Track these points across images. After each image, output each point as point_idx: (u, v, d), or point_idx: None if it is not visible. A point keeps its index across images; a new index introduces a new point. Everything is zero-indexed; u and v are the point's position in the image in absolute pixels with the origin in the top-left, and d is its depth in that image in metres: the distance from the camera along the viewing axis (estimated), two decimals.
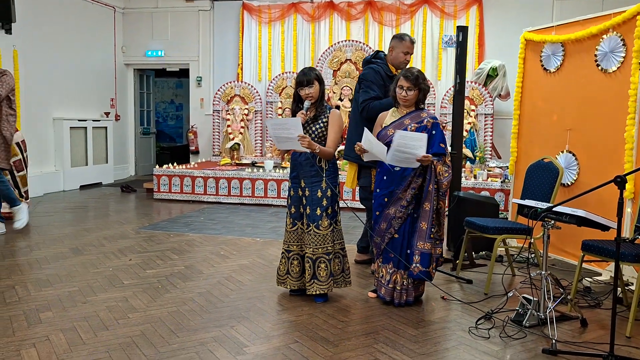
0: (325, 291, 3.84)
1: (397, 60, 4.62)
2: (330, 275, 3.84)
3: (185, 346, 3.13)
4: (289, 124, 3.66)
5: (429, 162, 3.68)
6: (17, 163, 6.64)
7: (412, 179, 3.76)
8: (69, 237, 5.81)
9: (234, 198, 8.20)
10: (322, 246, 3.80)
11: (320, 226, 3.79)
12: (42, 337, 3.22)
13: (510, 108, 8.70)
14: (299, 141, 3.64)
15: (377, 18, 9.75)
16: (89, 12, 10.03)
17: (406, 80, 3.81)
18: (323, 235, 3.79)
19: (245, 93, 9.94)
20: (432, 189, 3.75)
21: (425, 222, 3.77)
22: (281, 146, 3.82)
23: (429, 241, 3.78)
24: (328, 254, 3.82)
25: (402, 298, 3.84)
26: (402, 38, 4.62)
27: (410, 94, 3.81)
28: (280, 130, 3.70)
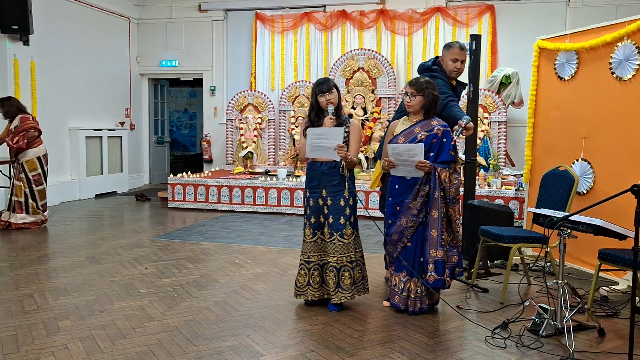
0: (349, 299, 3.88)
1: (447, 68, 4.39)
2: (354, 283, 3.87)
3: (202, 355, 3.15)
4: (331, 134, 3.71)
5: (427, 168, 3.70)
6: (36, 177, 6.73)
7: (419, 187, 3.78)
8: (85, 246, 5.87)
9: (248, 207, 8.24)
10: (346, 255, 3.83)
11: (345, 235, 3.82)
12: (61, 345, 3.26)
13: (523, 116, 8.68)
14: (336, 150, 3.68)
15: (390, 26, 9.77)
16: (105, 23, 10.16)
17: (410, 86, 3.84)
18: (347, 243, 3.83)
19: (258, 102, 10.00)
20: (438, 196, 3.75)
21: (435, 229, 3.78)
22: (313, 154, 3.83)
23: (441, 248, 3.78)
24: (351, 262, 3.85)
25: (416, 306, 3.84)
26: (450, 45, 4.43)
27: (414, 100, 3.82)
28: (319, 139, 3.74)
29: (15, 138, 6.52)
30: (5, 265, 5.06)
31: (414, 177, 3.79)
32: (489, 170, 8.34)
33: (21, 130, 6.55)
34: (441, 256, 3.78)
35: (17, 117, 6.63)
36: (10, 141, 6.52)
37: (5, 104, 6.70)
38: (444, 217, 3.79)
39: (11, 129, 6.64)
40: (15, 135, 6.53)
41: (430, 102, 3.84)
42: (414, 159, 3.69)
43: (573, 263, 4.91)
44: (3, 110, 6.70)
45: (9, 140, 6.53)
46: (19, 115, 6.65)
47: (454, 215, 3.84)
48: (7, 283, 4.50)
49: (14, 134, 6.54)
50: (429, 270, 3.79)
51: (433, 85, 3.87)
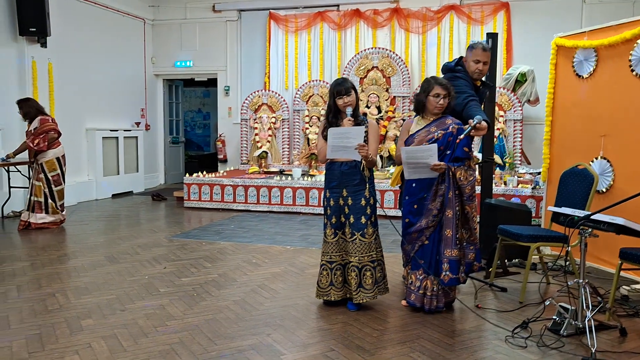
0: (371, 299, 3.88)
1: (470, 70, 4.27)
2: (375, 282, 3.88)
3: (223, 354, 3.17)
4: (352, 133, 3.72)
5: (442, 169, 3.71)
6: (55, 177, 6.81)
7: (436, 187, 3.79)
8: (104, 246, 5.93)
9: (263, 206, 8.27)
10: (367, 254, 3.84)
11: (366, 234, 3.83)
12: (85, 344, 3.30)
13: (539, 113, 8.63)
14: (358, 149, 3.69)
15: (404, 25, 9.75)
16: (120, 25, 10.25)
17: (442, 88, 3.83)
18: (368, 243, 3.84)
19: (272, 102, 10.02)
20: (453, 195, 3.77)
21: (449, 229, 3.78)
22: (333, 155, 3.84)
23: (456, 247, 3.79)
24: (373, 261, 3.87)
25: (432, 304, 3.85)
26: (473, 47, 4.28)
27: (445, 102, 3.84)
28: (340, 139, 3.75)
29: (36, 140, 6.60)
30: (26, 264, 5.12)
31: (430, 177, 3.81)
32: (504, 169, 8.30)
33: (41, 132, 6.63)
34: (456, 255, 3.79)
35: (37, 119, 6.70)
36: (30, 143, 6.60)
37: (24, 106, 6.79)
38: (459, 216, 3.80)
39: (30, 130, 6.72)
40: (36, 137, 6.61)
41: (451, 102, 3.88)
42: (428, 161, 3.69)
43: (592, 262, 4.88)
44: (22, 111, 6.79)
45: (29, 142, 6.61)
46: (38, 116, 6.73)
47: (471, 212, 3.85)
48: (30, 282, 4.56)
49: (34, 135, 6.62)
50: (443, 270, 3.80)
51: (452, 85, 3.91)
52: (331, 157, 3.87)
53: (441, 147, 3.79)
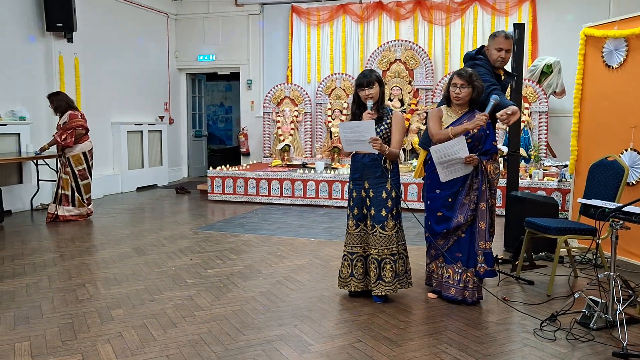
0: (390, 292, 3.87)
1: (492, 58, 4.20)
2: (396, 276, 3.86)
3: (251, 344, 3.20)
4: (361, 127, 3.70)
5: (476, 161, 3.68)
6: (81, 172, 6.91)
7: (470, 181, 3.77)
8: (131, 238, 6.01)
9: (286, 199, 8.30)
10: (387, 247, 3.82)
11: (386, 227, 3.81)
12: (115, 333, 3.36)
13: (565, 105, 8.52)
14: (371, 143, 3.67)
15: (427, 17, 9.68)
16: (144, 20, 10.34)
17: (460, 77, 3.80)
18: (388, 236, 3.82)
19: (295, 95, 10.04)
20: (486, 188, 3.78)
21: (483, 221, 3.78)
22: (349, 148, 3.84)
23: (489, 240, 3.81)
24: (393, 254, 3.84)
25: (474, 296, 3.86)
26: (495, 35, 4.23)
27: (463, 91, 3.79)
28: (352, 133, 3.74)
29: (63, 135, 6.70)
30: (56, 256, 5.22)
31: None
32: (529, 162, 8.21)
33: (69, 128, 6.73)
34: (489, 247, 3.80)
35: (67, 114, 6.81)
36: (58, 137, 6.71)
37: (54, 99, 6.91)
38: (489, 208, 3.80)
39: (60, 124, 6.84)
40: (64, 132, 6.71)
41: (478, 94, 3.82)
42: (459, 155, 3.66)
43: (622, 255, 4.81)
44: (53, 105, 6.91)
45: (57, 137, 6.72)
46: (68, 110, 6.83)
47: (495, 205, 3.86)
48: (60, 273, 4.65)
49: (62, 130, 6.73)
50: (478, 262, 3.79)
51: (478, 76, 3.85)
52: (348, 151, 3.87)
53: (476, 143, 3.77)
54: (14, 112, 7.50)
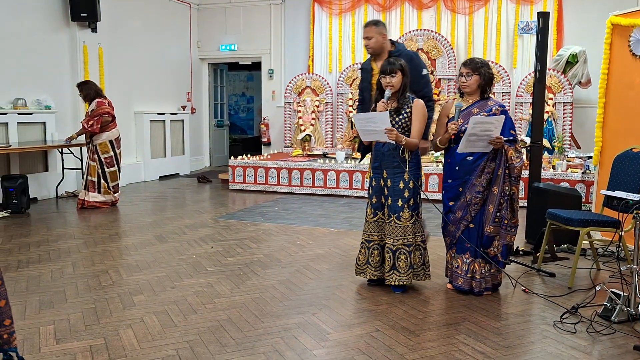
0: (404, 282, 3.85)
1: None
2: (410, 267, 3.84)
3: (270, 331, 3.24)
4: (376, 118, 3.68)
5: (501, 143, 3.65)
6: (108, 159, 7.03)
7: (485, 163, 3.75)
8: (153, 226, 6.10)
9: (307, 189, 8.32)
10: (402, 237, 3.81)
11: (402, 217, 3.80)
12: (137, 318, 3.42)
13: (590, 96, 8.37)
14: (386, 134, 3.66)
15: (450, 6, 9.56)
16: (167, 9, 10.40)
17: (465, 66, 3.82)
18: (404, 226, 3.80)
19: (316, 85, 10.02)
20: (502, 173, 3.74)
21: (492, 205, 3.78)
22: (366, 138, 3.84)
23: (493, 225, 3.78)
24: (408, 245, 3.82)
25: (481, 287, 3.84)
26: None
27: (470, 79, 3.78)
28: (367, 124, 3.73)
29: (90, 122, 6.83)
30: (80, 242, 5.32)
31: (475, 158, 3.75)
32: (553, 153, 8.10)
33: (96, 115, 6.85)
34: (491, 232, 3.80)
35: (95, 101, 6.93)
36: (85, 124, 6.84)
37: (84, 88, 7.04)
38: (505, 195, 3.76)
39: (88, 111, 6.97)
40: (91, 119, 6.84)
41: (487, 81, 3.80)
42: (491, 134, 3.63)
43: None
44: (82, 94, 7.06)
45: (84, 123, 6.85)
46: (96, 98, 6.96)
47: (516, 193, 3.81)
48: (84, 259, 4.74)
49: (89, 117, 6.86)
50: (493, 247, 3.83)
51: (487, 64, 3.85)
52: (365, 140, 3.88)
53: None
54: (39, 101, 7.62)
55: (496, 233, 3.80)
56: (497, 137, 3.63)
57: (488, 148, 3.72)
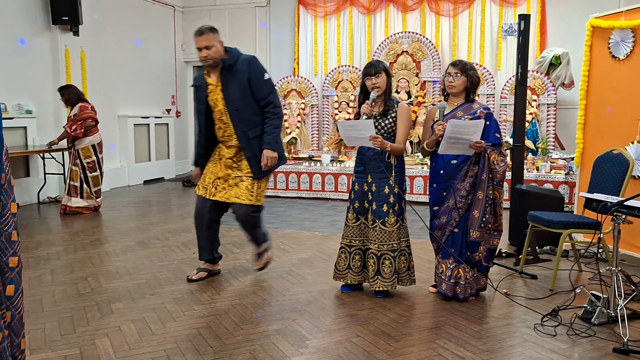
0: (388, 288, 3.83)
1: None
2: (395, 272, 3.82)
3: (249, 338, 3.20)
4: (360, 126, 3.64)
5: (482, 148, 3.63)
6: (90, 164, 6.96)
7: (468, 167, 3.73)
8: (135, 231, 6.03)
9: (292, 192, 8.29)
10: (387, 243, 3.78)
11: (387, 223, 3.77)
12: (114, 327, 3.37)
13: (574, 97, 8.39)
14: (371, 141, 3.63)
15: (434, 8, 9.58)
16: (150, 12, 10.33)
17: (453, 66, 3.80)
18: (389, 232, 3.78)
19: (301, 87, 9.99)
20: (486, 177, 3.71)
21: (477, 210, 3.74)
22: (351, 143, 3.81)
23: (479, 230, 3.75)
24: (393, 251, 3.80)
25: (466, 292, 3.81)
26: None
27: (457, 80, 3.76)
28: (351, 131, 3.70)
29: (73, 126, 6.76)
30: (60, 249, 5.25)
31: (459, 162, 3.74)
32: (537, 154, 8.13)
33: (79, 119, 6.79)
34: (477, 237, 3.76)
35: (77, 106, 6.87)
36: (69, 129, 6.77)
37: (65, 92, 6.97)
38: (489, 200, 3.74)
39: (70, 116, 6.90)
40: (74, 123, 6.78)
41: (473, 85, 3.79)
42: (471, 138, 3.61)
43: (627, 249, 4.76)
44: (64, 98, 6.99)
45: (67, 128, 6.79)
46: (78, 103, 6.90)
47: (500, 198, 3.79)
48: (63, 266, 4.67)
49: (72, 121, 6.80)
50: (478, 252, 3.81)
51: (474, 67, 3.85)
52: (349, 145, 3.86)
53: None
54: (20, 106, 7.54)
55: (482, 238, 3.78)
56: (477, 142, 3.61)
57: (470, 151, 3.70)
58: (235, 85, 3.98)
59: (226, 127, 4.08)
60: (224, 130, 4.11)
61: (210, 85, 4.08)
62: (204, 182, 4.23)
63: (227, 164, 4.17)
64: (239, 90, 3.97)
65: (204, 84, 4.11)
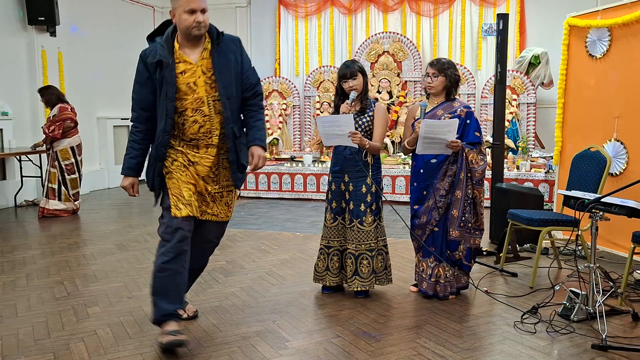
0: (367, 288, 3.81)
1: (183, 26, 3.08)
2: (373, 272, 3.80)
3: (228, 341, 3.16)
4: (340, 121, 3.63)
5: (458, 147, 3.63)
6: (69, 166, 6.86)
7: (446, 167, 3.73)
8: (114, 234, 5.95)
9: (274, 193, 8.25)
10: (365, 242, 3.77)
11: (364, 222, 3.76)
12: (90, 331, 3.30)
13: (553, 96, 8.45)
14: (350, 137, 3.61)
15: (415, 8, 9.61)
16: (129, 13, 10.22)
17: (431, 66, 3.79)
18: (367, 231, 3.76)
19: (283, 88, 9.96)
20: (464, 177, 3.71)
21: (456, 209, 3.74)
22: (329, 142, 3.78)
23: (458, 229, 3.75)
24: (371, 250, 3.79)
25: (446, 291, 3.81)
26: None
27: (435, 80, 3.76)
28: (331, 127, 3.67)
29: (51, 127, 6.66)
30: (37, 253, 5.15)
31: (439, 161, 3.74)
32: (517, 153, 8.18)
33: (58, 120, 6.69)
34: (456, 236, 3.76)
35: (57, 107, 6.77)
36: (46, 129, 6.67)
37: (45, 93, 6.87)
38: (469, 199, 3.74)
39: (49, 117, 6.80)
40: (52, 124, 6.67)
41: (453, 83, 3.78)
42: (446, 137, 3.60)
43: (605, 246, 4.79)
44: (44, 99, 6.89)
45: (45, 128, 6.69)
46: (58, 104, 6.79)
47: (479, 197, 3.79)
48: (39, 270, 4.59)
49: (51, 122, 6.69)
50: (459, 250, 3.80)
51: (454, 65, 3.83)
52: (327, 145, 3.82)
53: None
54: None
55: (461, 237, 3.78)
56: (452, 141, 3.61)
57: (448, 151, 3.70)
58: (227, 67, 3.11)
59: (206, 120, 3.08)
60: (200, 126, 3.09)
61: (183, 64, 3.07)
62: (182, 197, 3.15)
63: (201, 173, 3.18)
64: (233, 74, 3.12)
65: (171, 60, 3.07)
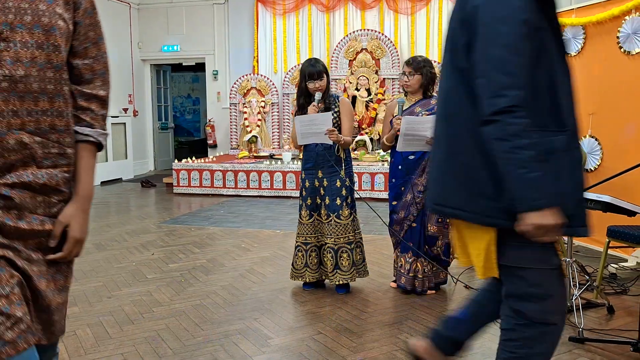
0: (348, 281, 3.85)
1: None
2: (353, 264, 3.84)
3: (210, 339, 3.15)
4: (319, 120, 3.66)
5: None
6: None
7: (425, 162, 3.76)
8: (92, 233, 5.88)
9: (253, 191, 8.23)
10: (343, 236, 3.80)
11: (341, 216, 3.79)
12: (70, 332, 3.26)
13: None
14: (327, 134, 3.64)
15: (392, 6, 9.66)
16: (105, 9, 10.08)
17: (407, 65, 3.83)
18: (344, 225, 3.80)
19: (261, 85, 9.94)
20: None
21: None
22: (304, 141, 3.79)
23: (436, 225, 3.80)
24: (350, 243, 3.82)
25: (424, 286, 3.85)
26: None
27: (412, 79, 3.80)
28: (309, 126, 3.69)
29: None
30: None
31: (417, 157, 3.77)
32: None
33: None
34: (434, 231, 3.81)
35: None
36: None
37: None
38: None
39: None
40: None
41: (430, 81, 3.82)
42: (426, 134, 3.63)
43: (581, 241, 4.89)
44: None
45: None
46: None
47: None
48: None
49: None
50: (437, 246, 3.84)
51: (431, 63, 3.87)
52: (303, 144, 3.84)
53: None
54: None
55: (440, 233, 3.82)
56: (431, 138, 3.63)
57: (428, 147, 3.73)
58: None
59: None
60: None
61: None
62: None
63: None
64: None
65: None
